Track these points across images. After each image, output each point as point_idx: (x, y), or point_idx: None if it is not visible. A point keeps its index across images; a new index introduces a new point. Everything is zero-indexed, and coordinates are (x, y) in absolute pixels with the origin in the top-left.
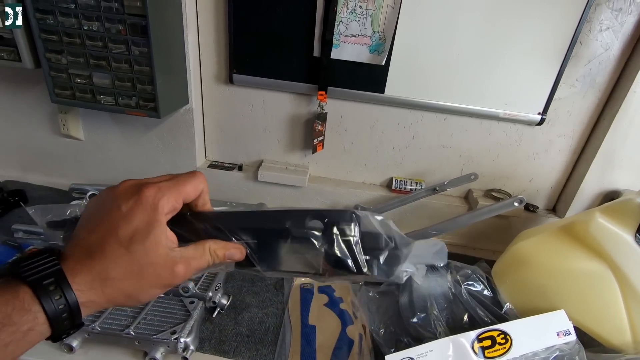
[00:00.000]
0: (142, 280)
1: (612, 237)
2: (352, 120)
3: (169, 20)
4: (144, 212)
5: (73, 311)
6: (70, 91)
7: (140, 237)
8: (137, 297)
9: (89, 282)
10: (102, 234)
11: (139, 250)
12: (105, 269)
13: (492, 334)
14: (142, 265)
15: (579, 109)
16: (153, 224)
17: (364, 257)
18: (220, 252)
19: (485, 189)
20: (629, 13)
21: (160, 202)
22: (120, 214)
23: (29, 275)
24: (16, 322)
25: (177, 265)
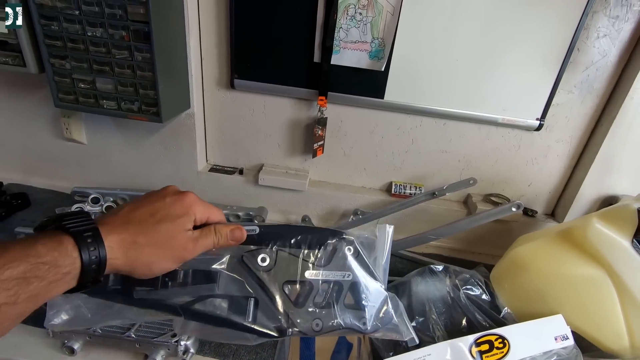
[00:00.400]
0: (161, 250)
1: (609, 242)
2: (352, 125)
3: (172, 26)
4: (182, 206)
5: (101, 262)
6: (73, 96)
7: (171, 219)
8: (152, 266)
9: (118, 242)
10: (142, 212)
11: (166, 227)
12: (134, 235)
13: (490, 338)
14: (165, 238)
15: (577, 115)
16: (184, 214)
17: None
18: (223, 232)
19: (484, 193)
20: (626, 20)
21: (195, 205)
22: (163, 203)
23: (72, 227)
24: (61, 265)
25: (188, 243)
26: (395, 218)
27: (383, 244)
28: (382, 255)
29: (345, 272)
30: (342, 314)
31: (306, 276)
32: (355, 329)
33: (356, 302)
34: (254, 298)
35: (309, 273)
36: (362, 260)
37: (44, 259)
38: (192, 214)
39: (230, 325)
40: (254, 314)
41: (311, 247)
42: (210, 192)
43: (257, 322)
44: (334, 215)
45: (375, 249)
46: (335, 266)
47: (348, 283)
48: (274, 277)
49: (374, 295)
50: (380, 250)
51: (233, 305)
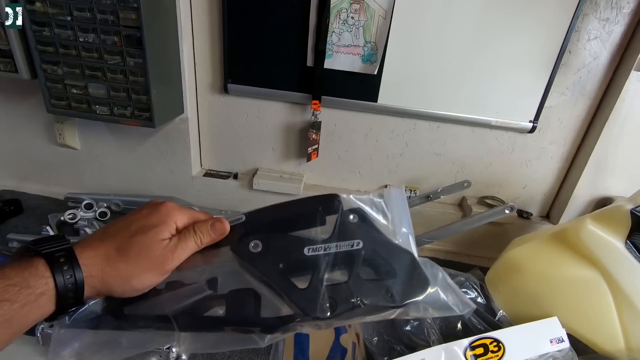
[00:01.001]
0: (136, 264)
1: (603, 244)
2: (346, 128)
3: (164, 32)
4: (158, 215)
5: (78, 283)
6: (66, 101)
7: (145, 230)
8: (131, 282)
9: (92, 258)
10: (118, 227)
11: (140, 239)
12: (108, 250)
13: (485, 341)
14: (139, 251)
15: (570, 117)
16: (160, 223)
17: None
18: (202, 227)
19: (479, 196)
20: (616, 23)
21: (175, 213)
22: (139, 215)
23: (44, 249)
24: (32, 286)
25: (166, 252)
26: None
27: (397, 207)
28: (399, 219)
29: (354, 240)
30: (359, 289)
31: (306, 254)
32: (382, 305)
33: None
34: (253, 290)
35: (309, 249)
36: (370, 223)
37: (13, 280)
38: (171, 221)
39: (232, 323)
40: (255, 307)
41: (307, 221)
42: (205, 197)
43: (262, 315)
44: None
45: (385, 211)
46: (338, 236)
47: (359, 252)
48: (269, 261)
49: (397, 260)
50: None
51: (231, 301)
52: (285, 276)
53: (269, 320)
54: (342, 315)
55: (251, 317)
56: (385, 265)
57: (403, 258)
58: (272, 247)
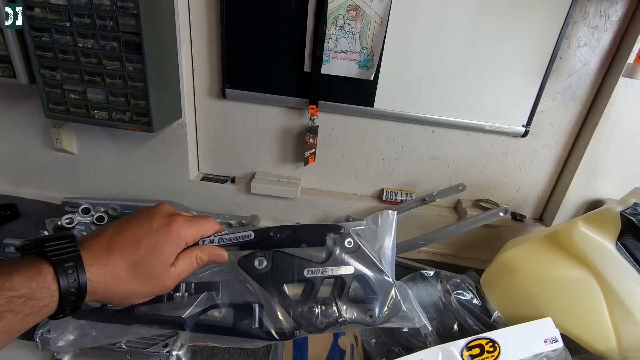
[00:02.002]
0: (142, 287)
1: (595, 245)
2: (343, 133)
3: (163, 37)
4: (170, 234)
5: (81, 293)
6: (64, 106)
7: (156, 253)
8: (132, 299)
9: (101, 275)
10: (126, 237)
11: (151, 263)
12: (118, 268)
13: (481, 342)
14: (148, 276)
15: (561, 121)
16: (171, 246)
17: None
18: (205, 258)
19: (473, 199)
20: (605, 30)
21: (185, 231)
22: (150, 227)
23: (53, 255)
24: (37, 298)
25: (170, 280)
26: None
27: (386, 231)
28: (387, 243)
29: (346, 266)
30: (347, 309)
31: (305, 275)
32: (363, 323)
33: (361, 296)
34: (258, 303)
35: (308, 271)
36: (363, 252)
37: (20, 291)
38: (181, 242)
39: (237, 333)
40: (259, 319)
41: (309, 245)
42: (203, 201)
43: (263, 326)
44: (326, 222)
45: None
46: (335, 261)
47: (350, 277)
48: (273, 279)
49: (380, 286)
50: (383, 239)
51: (237, 313)
52: (286, 293)
53: (271, 334)
54: (330, 329)
55: (256, 330)
56: (369, 290)
57: (384, 285)
58: (276, 265)
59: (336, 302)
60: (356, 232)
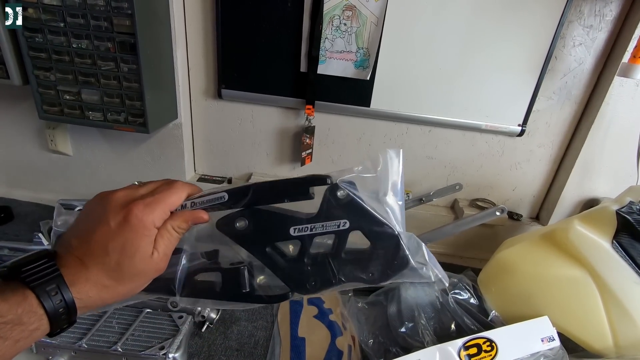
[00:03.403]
0: (135, 282)
1: (590, 244)
2: (340, 133)
3: (158, 37)
4: (132, 229)
5: (70, 312)
6: (58, 107)
7: (129, 253)
8: (133, 293)
9: (87, 291)
10: (92, 247)
11: (128, 264)
12: (100, 279)
13: (478, 341)
14: (134, 273)
15: (557, 120)
16: (140, 239)
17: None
18: (183, 225)
19: (470, 198)
20: (599, 30)
21: (148, 217)
22: (109, 229)
23: (32, 280)
24: (25, 322)
25: (159, 264)
26: None
27: (390, 173)
28: (390, 188)
29: (338, 221)
30: (342, 268)
31: (292, 233)
32: (360, 281)
33: (359, 252)
34: (246, 265)
35: (295, 229)
36: (357, 203)
37: (6, 318)
38: (148, 231)
39: (227, 298)
40: (249, 283)
41: (292, 198)
42: None
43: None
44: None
45: (380, 181)
46: (324, 216)
47: (343, 233)
48: (256, 240)
49: (381, 239)
50: (386, 181)
51: (226, 277)
52: (272, 254)
53: (262, 298)
54: (325, 290)
55: (245, 295)
56: (369, 247)
57: (388, 239)
58: (258, 225)
59: (330, 262)
60: (348, 181)
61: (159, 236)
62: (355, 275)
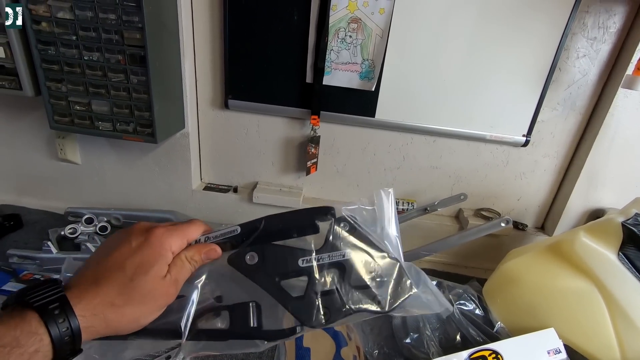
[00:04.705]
0: (143, 306)
1: (597, 255)
2: (345, 143)
3: (167, 50)
4: (152, 247)
5: (75, 334)
6: (69, 118)
7: (144, 269)
8: (139, 322)
9: (93, 308)
10: (110, 264)
11: (142, 280)
12: (110, 296)
13: (484, 353)
14: (144, 294)
15: (562, 131)
16: (158, 258)
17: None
18: (196, 257)
19: (475, 208)
20: (603, 42)
21: (167, 240)
22: (130, 248)
23: (36, 301)
24: (24, 345)
25: (170, 288)
26: None
27: (384, 210)
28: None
29: (343, 250)
30: (351, 297)
31: (300, 265)
32: (371, 310)
33: (365, 281)
34: (255, 302)
35: (303, 261)
36: (360, 233)
37: (3, 340)
38: (167, 253)
39: (235, 336)
40: (257, 318)
41: (300, 233)
42: (205, 210)
43: (262, 326)
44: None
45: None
46: (330, 247)
47: (349, 262)
48: (266, 273)
49: (384, 268)
50: (382, 219)
51: (234, 314)
52: (281, 287)
53: (271, 333)
54: (335, 322)
55: (255, 330)
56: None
57: (388, 266)
58: (268, 259)
59: (338, 292)
60: (350, 213)
61: (173, 264)
62: (364, 303)
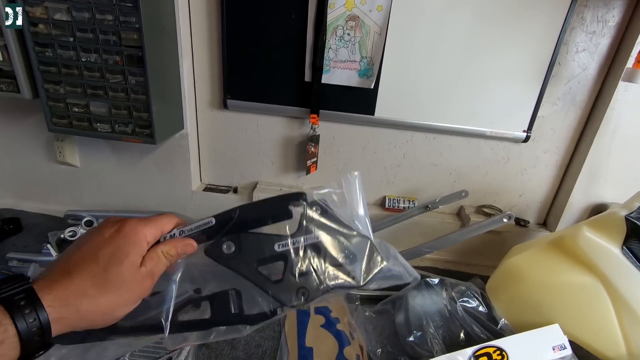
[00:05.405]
0: (118, 297)
1: (600, 250)
2: (344, 141)
3: (165, 50)
4: (125, 237)
5: (43, 326)
6: (67, 120)
7: (118, 259)
8: (114, 313)
9: (64, 298)
10: (82, 255)
11: (116, 270)
12: (83, 287)
13: (488, 350)
14: (119, 284)
15: (562, 126)
16: (132, 248)
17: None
18: (172, 251)
19: (476, 205)
20: (603, 35)
21: (142, 230)
22: (102, 238)
23: (1, 293)
24: None
25: (145, 280)
26: (390, 232)
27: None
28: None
29: (317, 232)
30: (327, 275)
31: (276, 250)
32: (347, 286)
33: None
34: (234, 289)
35: (278, 245)
36: (332, 215)
37: None
38: (141, 242)
39: (217, 324)
40: (238, 305)
41: (274, 219)
42: (205, 211)
43: (243, 311)
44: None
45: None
46: (304, 230)
47: (323, 243)
48: (244, 260)
49: (356, 246)
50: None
51: (215, 304)
52: (260, 273)
53: (253, 317)
54: (314, 300)
55: (236, 316)
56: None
57: (360, 244)
58: (244, 247)
59: (315, 271)
60: (321, 196)
61: (148, 257)
62: (339, 279)
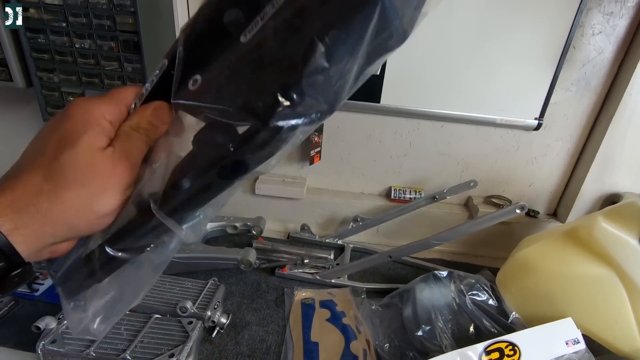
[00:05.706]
0: (88, 187)
1: (617, 241)
2: (349, 130)
3: (161, 35)
4: (73, 117)
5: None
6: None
7: (69, 142)
8: (92, 207)
9: (13, 202)
10: (28, 154)
11: (69, 154)
12: (34, 183)
13: (500, 345)
14: (81, 170)
15: (575, 113)
16: (85, 127)
17: None
18: (142, 123)
19: (485, 195)
20: (620, 17)
21: (93, 106)
22: (48, 130)
23: None
24: None
25: (119, 164)
26: (396, 223)
27: None
28: None
29: None
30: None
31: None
32: None
33: None
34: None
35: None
36: None
37: None
38: (98, 120)
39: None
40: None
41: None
42: None
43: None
44: (333, 222)
45: None
46: None
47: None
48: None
49: None
50: None
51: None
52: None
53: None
54: None
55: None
56: None
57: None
58: (211, 67)
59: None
60: None
61: (116, 138)
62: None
